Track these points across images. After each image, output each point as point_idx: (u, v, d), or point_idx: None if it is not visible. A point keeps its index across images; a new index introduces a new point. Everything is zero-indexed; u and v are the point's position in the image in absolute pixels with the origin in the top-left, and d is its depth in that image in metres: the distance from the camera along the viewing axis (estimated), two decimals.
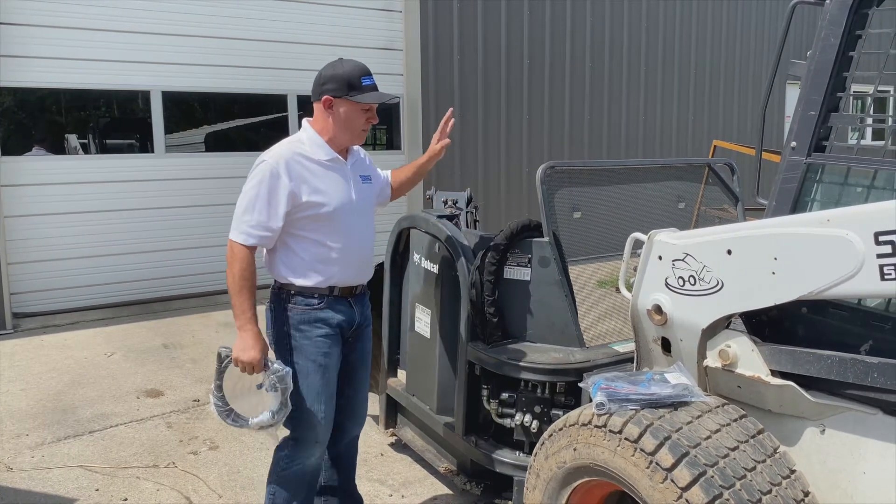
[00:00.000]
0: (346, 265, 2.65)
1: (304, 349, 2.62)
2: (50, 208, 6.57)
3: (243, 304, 2.50)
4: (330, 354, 2.66)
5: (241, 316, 2.50)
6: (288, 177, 2.50)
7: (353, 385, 2.86)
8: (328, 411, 2.68)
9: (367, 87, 2.60)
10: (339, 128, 2.62)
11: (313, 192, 2.55)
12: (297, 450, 2.69)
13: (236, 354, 2.50)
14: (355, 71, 2.61)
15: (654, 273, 2.37)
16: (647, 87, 10.65)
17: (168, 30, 6.92)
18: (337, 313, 2.66)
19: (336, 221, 2.59)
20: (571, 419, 2.25)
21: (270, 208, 2.50)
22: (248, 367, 2.50)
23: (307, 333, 2.62)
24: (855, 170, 2.16)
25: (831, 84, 2.08)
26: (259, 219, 2.50)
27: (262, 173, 2.51)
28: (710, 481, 1.87)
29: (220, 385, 2.59)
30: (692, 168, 4.15)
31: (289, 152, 2.56)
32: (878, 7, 2.04)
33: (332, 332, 2.66)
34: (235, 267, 2.50)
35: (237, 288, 2.50)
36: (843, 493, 2.00)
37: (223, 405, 2.60)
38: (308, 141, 2.62)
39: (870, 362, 1.89)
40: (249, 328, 2.49)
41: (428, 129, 8.55)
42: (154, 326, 6.50)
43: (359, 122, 2.63)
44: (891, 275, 1.75)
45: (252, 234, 2.51)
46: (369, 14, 8.08)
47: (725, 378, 2.23)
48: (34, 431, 4.25)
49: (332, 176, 2.62)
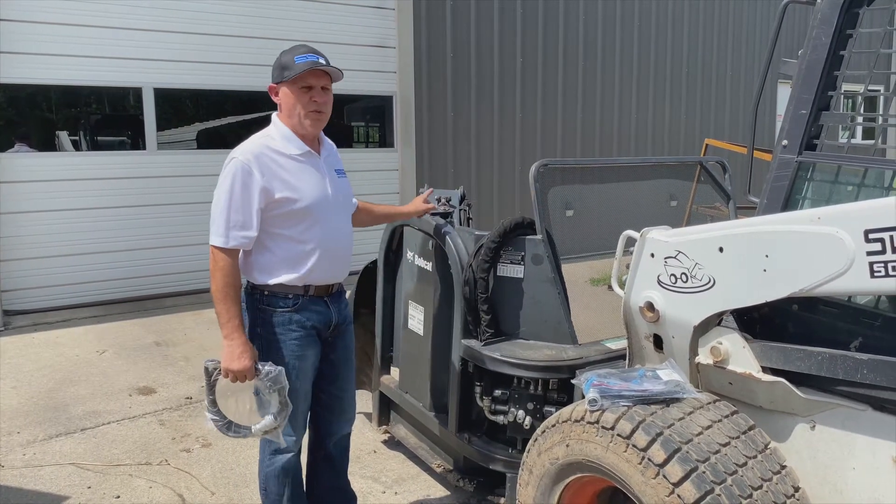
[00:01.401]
0: (322, 262, 2.56)
1: (278, 351, 2.55)
2: (41, 205, 6.54)
3: (229, 311, 2.42)
4: (305, 357, 2.60)
5: (227, 324, 2.42)
6: (259, 172, 2.41)
7: (337, 384, 2.81)
8: (304, 409, 2.66)
9: (301, 65, 2.45)
10: (287, 116, 2.53)
11: (286, 188, 2.46)
12: (273, 445, 2.67)
13: (226, 365, 2.41)
14: (290, 52, 2.51)
15: (646, 270, 2.38)
16: (639, 85, 10.68)
17: (160, 26, 6.89)
18: (313, 314, 2.60)
19: (311, 217, 2.51)
20: (564, 415, 2.26)
21: (246, 207, 2.41)
22: (240, 375, 2.41)
23: (281, 336, 2.55)
24: (845, 168, 2.18)
25: (822, 83, 2.10)
26: (236, 219, 2.42)
27: (233, 171, 2.42)
28: (701, 477, 1.89)
29: (214, 399, 2.51)
30: (684, 166, 4.16)
31: (259, 147, 2.47)
32: (869, 7, 2.06)
33: (308, 334, 2.60)
34: (218, 274, 2.43)
35: (221, 295, 2.42)
36: (833, 489, 2.02)
37: (221, 419, 2.52)
38: (278, 135, 2.54)
39: (860, 359, 1.91)
40: (237, 336, 2.41)
41: (421, 126, 8.56)
42: (146, 324, 6.48)
43: (300, 102, 2.48)
44: (880, 272, 1.76)
45: (232, 236, 2.43)
46: (362, 11, 8.07)
47: (717, 375, 2.25)
48: (25, 429, 4.23)
49: (305, 170, 2.53)
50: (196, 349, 5.74)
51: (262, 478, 2.75)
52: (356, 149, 8.83)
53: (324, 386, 2.77)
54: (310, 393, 2.70)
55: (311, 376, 2.68)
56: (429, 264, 3.38)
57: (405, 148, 8.52)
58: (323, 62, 2.49)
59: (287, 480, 2.72)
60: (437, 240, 3.27)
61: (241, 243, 2.46)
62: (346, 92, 8.09)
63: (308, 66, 2.45)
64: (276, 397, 2.47)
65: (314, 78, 2.49)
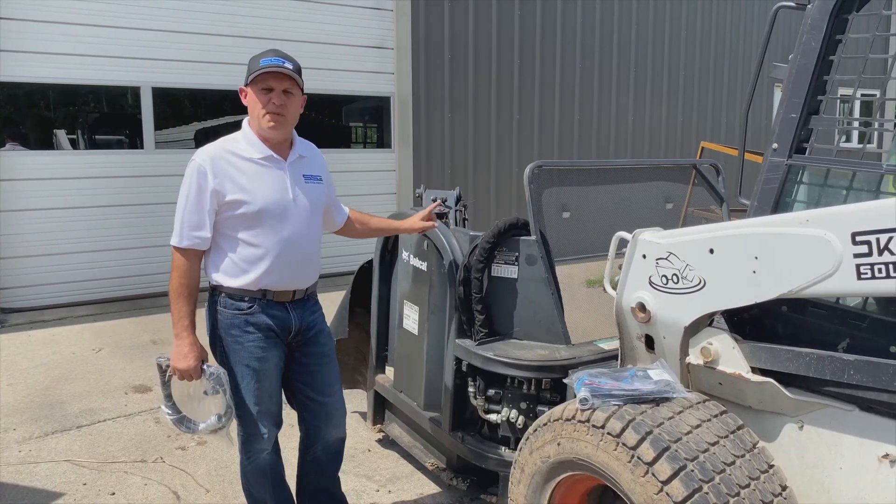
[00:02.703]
0: (276, 267, 2.53)
1: (236, 353, 2.56)
2: (38, 203, 6.55)
3: (180, 310, 2.46)
4: (265, 359, 2.58)
5: (177, 323, 2.47)
6: (213, 174, 2.43)
7: (317, 389, 2.77)
8: (267, 408, 2.63)
9: (263, 67, 2.45)
10: (252, 117, 2.53)
11: (238, 191, 2.45)
12: (249, 446, 2.68)
13: (174, 363, 2.47)
14: (258, 56, 2.51)
15: (638, 271, 2.40)
16: (636, 87, 10.71)
17: (159, 26, 6.91)
18: (270, 318, 2.57)
19: (264, 221, 2.49)
20: (556, 414, 2.28)
21: (199, 208, 2.44)
22: (185, 374, 2.47)
23: (238, 338, 2.55)
24: (835, 171, 2.20)
25: (812, 87, 2.12)
26: (191, 220, 2.45)
27: (189, 172, 2.46)
28: (689, 475, 1.91)
29: (170, 394, 2.57)
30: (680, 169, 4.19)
31: (218, 149, 2.49)
32: (858, 12, 2.08)
33: (266, 336, 2.57)
34: (174, 273, 2.47)
35: (175, 294, 2.47)
36: (821, 488, 2.05)
37: (174, 413, 2.58)
38: (243, 139, 2.54)
39: (847, 360, 1.93)
40: (185, 336, 2.46)
41: (419, 127, 8.58)
42: (142, 322, 6.49)
43: (260, 103, 2.48)
44: (867, 274, 1.79)
45: (185, 235, 2.46)
46: (360, 13, 8.09)
47: (707, 375, 2.27)
48: (21, 426, 4.25)
49: (263, 174, 2.51)
50: None
51: (244, 479, 2.77)
52: (354, 149, 8.85)
53: (305, 392, 2.76)
54: (277, 393, 2.68)
55: (276, 376, 2.65)
56: (424, 264, 3.40)
57: (403, 149, 8.54)
58: (289, 66, 2.48)
59: (267, 478, 2.73)
60: (433, 240, 3.30)
61: (195, 243, 2.48)
62: (344, 92, 8.12)
63: (267, 67, 2.45)
64: (219, 398, 2.50)
65: (274, 80, 2.47)
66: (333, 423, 2.85)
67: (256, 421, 2.62)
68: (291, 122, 2.57)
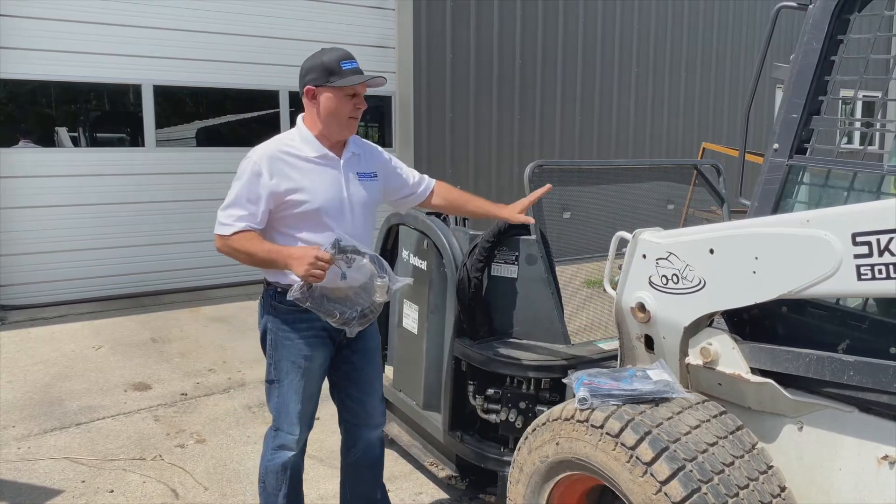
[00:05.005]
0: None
1: (285, 349, 2.57)
2: (39, 201, 6.55)
3: (267, 253, 2.42)
4: (312, 357, 2.59)
5: (277, 260, 2.41)
6: (269, 174, 2.45)
7: (358, 386, 2.77)
8: (305, 409, 2.63)
9: (349, 72, 2.52)
10: (325, 118, 2.55)
11: (295, 189, 2.48)
12: (276, 442, 2.68)
13: (302, 276, 2.33)
14: (335, 56, 2.54)
15: (637, 271, 2.40)
16: (637, 87, 10.71)
17: (160, 24, 6.91)
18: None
19: (321, 219, 2.51)
20: (554, 414, 2.28)
21: (249, 204, 2.46)
22: (317, 267, 2.31)
23: (288, 334, 2.56)
24: (835, 172, 2.20)
25: (813, 88, 2.12)
26: (239, 213, 2.47)
27: (243, 170, 2.49)
28: (688, 475, 1.91)
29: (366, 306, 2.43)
30: (681, 169, 4.19)
31: (274, 149, 2.51)
32: (860, 13, 2.08)
33: (316, 335, 2.59)
34: (239, 256, 2.46)
35: (257, 260, 2.44)
36: (820, 489, 2.04)
37: (352, 311, 2.44)
38: (298, 137, 2.58)
39: (846, 361, 1.93)
40: (284, 252, 2.39)
41: (420, 126, 8.58)
42: (142, 320, 6.49)
43: (344, 109, 2.54)
44: (867, 275, 1.78)
45: (232, 225, 2.46)
46: (362, 11, 8.10)
47: (706, 375, 2.27)
48: (20, 423, 4.25)
49: (319, 172, 2.54)
50: (192, 346, 5.76)
51: (262, 472, 2.75)
52: None
53: (347, 388, 2.76)
54: (316, 395, 2.68)
55: (320, 376, 2.66)
56: (423, 263, 3.39)
57: (404, 148, 8.53)
58: (369, 74, 2.56)
59: (285, 478, 2.70)
60: (432, 239, 3.29)
61: (242, 227, 2.46)
62: None
63: (359, 78, 2.52)
64: (358, 261, 2.39)
65: (361, 86, 2.56)
66: (373, 423, 2.84)
67: (291, 420, 2.62)
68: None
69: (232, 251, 2.48)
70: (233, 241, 2.46)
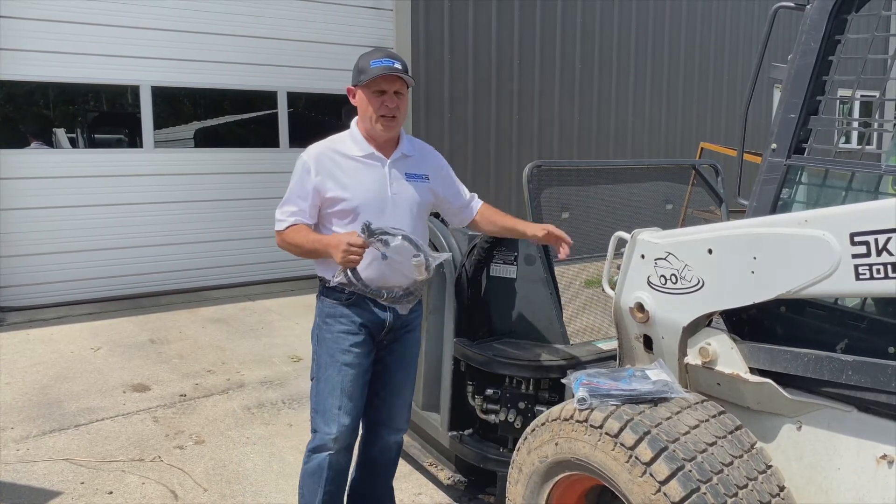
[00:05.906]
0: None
1: (327, 343, 2.61)
2: (37, 202, 6.55)
3: (313, 244, 2.50)
4: (351, 353, 2.59)
5: (321, 249, 2.48)
6: (316, 171, 2.54)
7: (388, 388, 2.75)
8: (345, 409, 2.58)
9: (376, 69, 2.51)
10: (361, 117, 2.63)
11: (338, 188, 2.53)
12: (311, 444, 2.66)
13: (341, 262, 2.39)
14: (368, 56, 2.57)
15: (636, 271, 2.40)
16: (636, 88, 10.71)
17: (158, 25, 6.90)
18: (365, 311, 2.59)
19: (363, 217, 2.49)
20: (554, 414, 2.28)
21: (300, 200, 2.56)
22: (353, 253, 2.36)
23: (331, 327, 2.60)
24: (833, 172, 2.20)
25: (811, 87, 2.12)
26: (291, 209, 2.57)
27: (296, 168, 2.60)
28: (687, 475, 1.91)
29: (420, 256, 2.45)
30: (679, 169, 4.19)
31: (325, 147, 2.60)
32: (857, 13, 2.08)
33: (357, 331, 2.59)
34: (291, 250, 2.58)
35: (304, 251, 2.54)
36: (819, 489, 2.04)
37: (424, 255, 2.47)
38: (349, 137, 2.64)
39: (845, 360, 1.93)
40: (325, 240, 2.46)
41: (418, 127, 8.57)
42: (141, 321, 6.49)
43: (372, 106, 2.55)
44: (865, 275, 1.78)
45: (285, 220, 2.57)
46: (360, 12, 8.09)
47: (705, 375, 2.27)
48: (19, 425, 4.24)
49: (363, 171, 2.57)
50: (191, 347, 5.75)
51: (301, 477, 2.71)
52: None
53: (375, 388, 2.74)
54: (356, 394, 2.62)
55: (358, 375, 2.62)
56: None
57: None
58: (399, 67, 2.53)
59: (321, 480, 2.63)
60: (431, 239, 3.29)
61: (293, 221, 2.57)
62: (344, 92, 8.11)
63: (381, 70, 2.51)
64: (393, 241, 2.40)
65: (387, 83, 2.54)
66: (394, 426, 2.85)
67: (327, 417, 2.59)
68: (401, 122, 2.64)
69: (286, 245, 2.59)
70: (285, 235, 2.57)
